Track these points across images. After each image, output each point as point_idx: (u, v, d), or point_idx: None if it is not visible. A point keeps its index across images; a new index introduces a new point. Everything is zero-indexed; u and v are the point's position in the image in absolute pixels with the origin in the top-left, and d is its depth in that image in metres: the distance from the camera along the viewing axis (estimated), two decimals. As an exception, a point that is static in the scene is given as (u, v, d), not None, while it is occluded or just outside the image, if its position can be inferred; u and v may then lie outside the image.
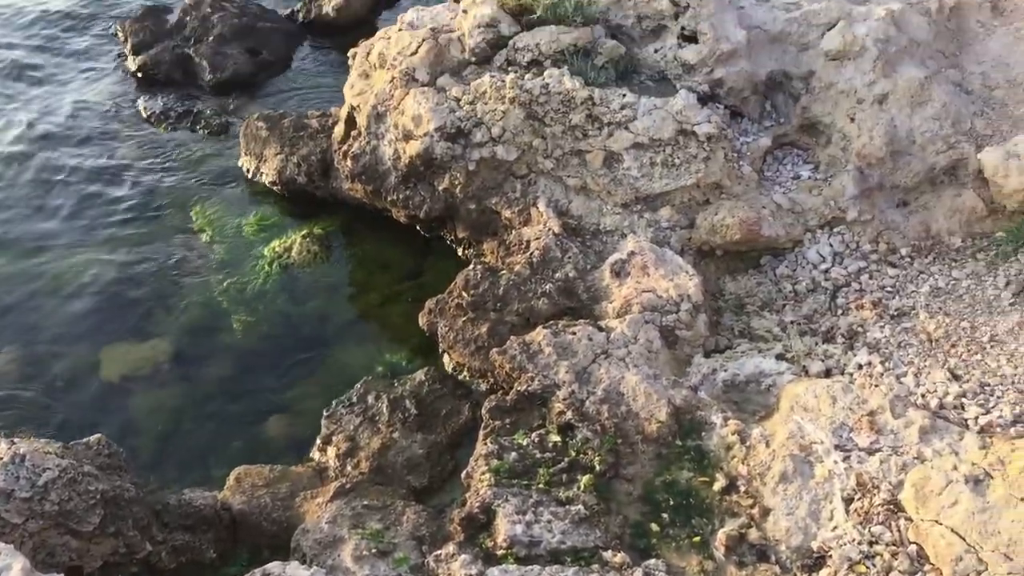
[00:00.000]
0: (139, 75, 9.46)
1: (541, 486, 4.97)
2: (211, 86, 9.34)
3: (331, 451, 5.86)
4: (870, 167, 6.58)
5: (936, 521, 4.37)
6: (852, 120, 6.71)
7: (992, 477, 4.45)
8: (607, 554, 4.59)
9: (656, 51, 7.11)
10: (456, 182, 6.96)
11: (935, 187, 6.59)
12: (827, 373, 5.59)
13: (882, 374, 5.41)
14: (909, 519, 4.48)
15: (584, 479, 4.97)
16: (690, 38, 7.03)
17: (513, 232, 6.89)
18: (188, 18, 9.98)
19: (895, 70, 6.75)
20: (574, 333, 5.75)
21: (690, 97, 6.76)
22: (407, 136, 7.06)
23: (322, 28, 10.45)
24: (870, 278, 6.23)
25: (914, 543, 4.41)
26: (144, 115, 8.90)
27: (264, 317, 6.86)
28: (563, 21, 7.10)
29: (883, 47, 6.76)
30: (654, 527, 4.79)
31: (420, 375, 6.27)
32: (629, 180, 6.71)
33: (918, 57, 6.91)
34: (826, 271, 6.37)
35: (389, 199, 7.29)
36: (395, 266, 7.38)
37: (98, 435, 5.25)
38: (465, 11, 7.36)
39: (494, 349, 5.86)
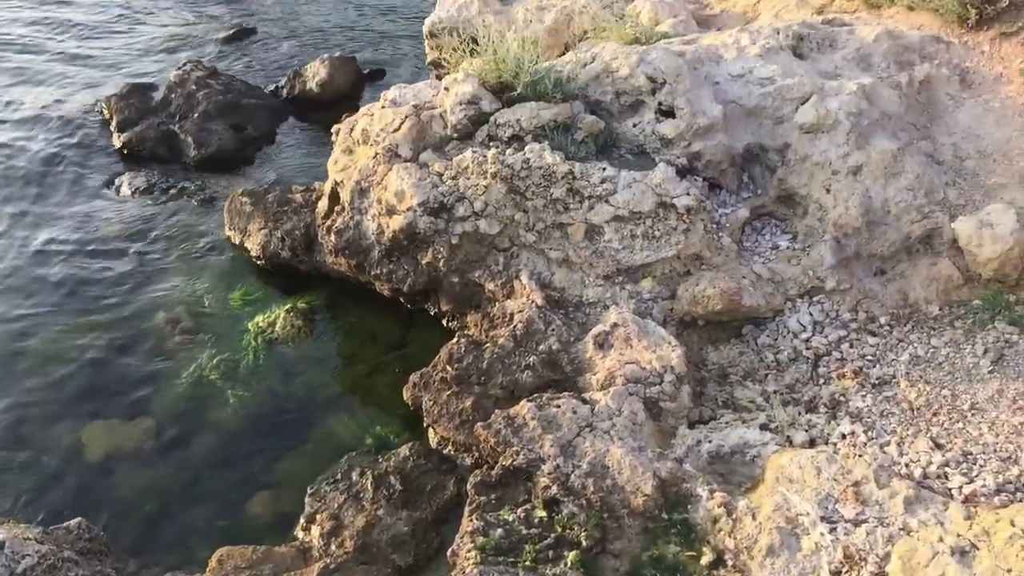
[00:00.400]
0: (124, 152, 9.54)
1: (528, 563, 4.93)
2: (196, 162, 9.43)
3: (315, 530, 5.79)
4: (847, 237, 6.69)
5: (924, 594, 4.36)
6: (828, 191, 6.84)
7: (978, 548, 4.45)
8: (595, 633, 4.53)
9: (635, 126, 7.25)
10: (439, 256, 7.02)
11: (911, 256, 6.69)
12: (811, 443, 5.60)
13: (865, 444, 5.43)
14: (897, 592, 4.46)
15: (571, 555, 4.94)
16: (667, 113, 7.18)
17: (496, 305, 6.93)
18: (173, 95, 10.10)
19: (868, 142, 6.91)
20: (558, 406, 5.76)
21: (669, 170, 6.88)
22: (390, 211, 7.13)
23: (306, 104, 10.60)
24: (851, 347, 6.29)
25: (903, 616, 4.38)
26: (129, 191, 8.95)
27: (249, 393, 6.83)
28: (543, 97, 7.24)
29: (856, 120, 6.92)
30: (642, 604, 4.74)
31: (405, 450, 6.23)
32: (611, 252, 6.79)
33: (890, 129, 7.07)
34: (807, 340, 6.42)
35: (373, 273, 7.33)
36: (380, 338, 7.39)
37: (79, 519, 5.19)
38: (447, 88, 7.50)
39: (479, 423, 5.85)
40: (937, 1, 7.86)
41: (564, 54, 9.57)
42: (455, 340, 6.60)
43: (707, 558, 4.89)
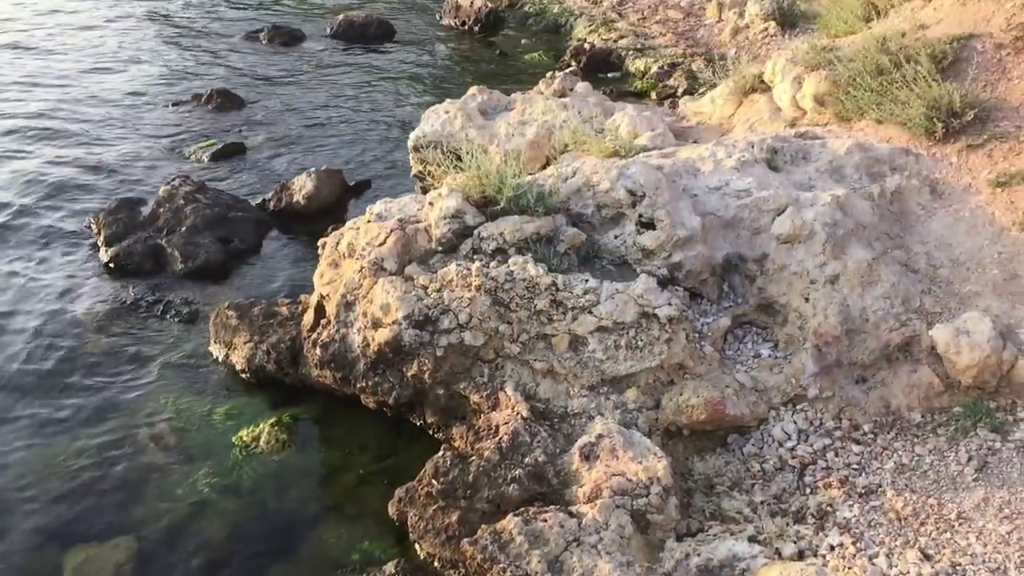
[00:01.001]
0: (111, 266, 9.60)
1: None
2: (182, 275, 9.50)
3: (298, 653, 5.66)
4: (827, 345, 6.78)
5: None
6: (807, 300, 6.96)
7: (972, 664, 4.39)
8: None
9: (616, 237, 7.40)
10: (424, 368, 7.05)
11: (891, 364, 6.78)
12: (800, 555, 5.56)
13: (855, 555, 5.39)
14: None
15: (560, 678, 4.84)
16: (648, 225, 7.34)
17: (482, 417, 6.93)
18: (162, 210, 10.24)
19: (844, 252, 7.07)
20: (545, 520, 5.72)
21: (650, 281, 6.99)
22: (376, 324, 7.19)
23: (292, 216, 10.74)
24: (836, 455, 6.30)
25: None
26: (114, 306, 8.98)
27: (235, 508, 6.73)
28: (526, 211, 7.40)
29: (831, 231, 7.09)
30: None
31: (391, 567, 6.13)
32: (595, 363, 6.84)
33: (865, 239, 7.24)
34: (792, 449, 6.44)
35: (358, 386, 7.34)
36: (367, 449, 7.34)
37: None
38: (431, 203, 7.66)
39: (465, 539, 5.79)
40: (904, 115, 8.16)
41: (546, 166, 9.83)
42: (440, 453, 6.58)
43: None
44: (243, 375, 8.01)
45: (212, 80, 15.15)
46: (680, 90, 13.83)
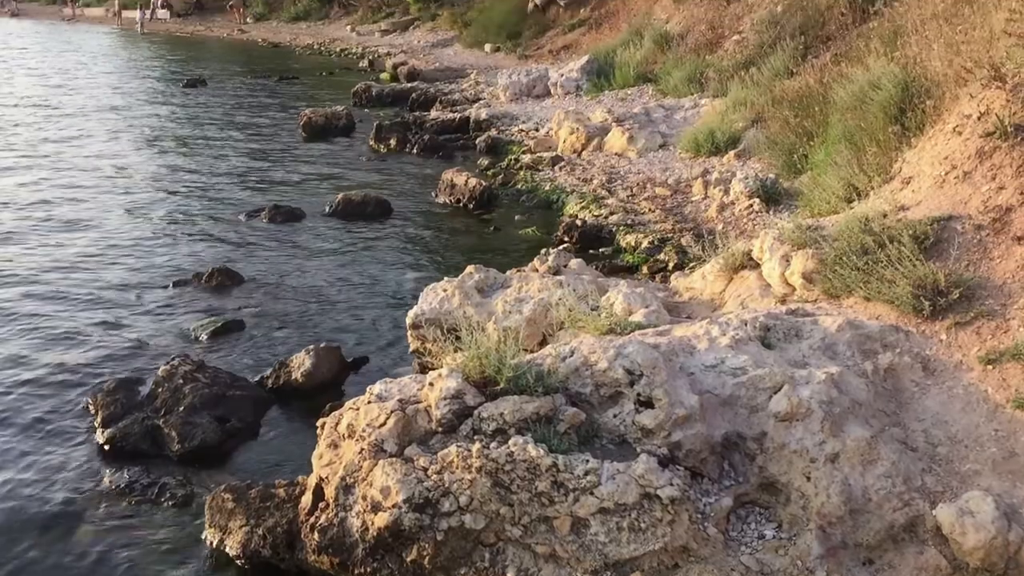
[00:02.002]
0: (106, 448, 9.55)
1: None
2: (178, 456, 9.43)
3: None
4: (831, 526, 6.72)
5: None
6: (808, 479, 6.95)
7: None
8: None
9: (615, 416, 7.45)
10: (425, 553, 6.93)
11: (897, 544, 6.70)
12: None
13: None
14: None
15: None
16: (646, 403, 7.41)
17: (483, 604, 6.77)
18: (160, 389, 10.28)
19: (842, 430, 7.12)
20: None
21: (651, 461, 6.99)
22: (375, 508, 7.12)
23: (291, 393, 10.79)
24: (848, 643, 6.14)
25: None
26: (109, 489, 8.88)
27: None
28: (525, 391, 7.48)
29: (828, 408, 7.17)
30: None
31: None
32: (597, 546, 6.74)
33: (862, 416, 7.30)
34: (803, 636, 6.28)
35: (357, 572, 7.18)
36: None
37: None
38: (431, 384, 7.74)
39: None
40: (891, 293, 8.39)
41: (543, 342, 10.00)
42: (441, 645, 6.39)
43: None
44: (238, 561, 7.84)
45: (213, 258, 15.53)
46: (671, 264, 14.22)
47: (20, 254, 15.91)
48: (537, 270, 12.66)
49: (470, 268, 11.50)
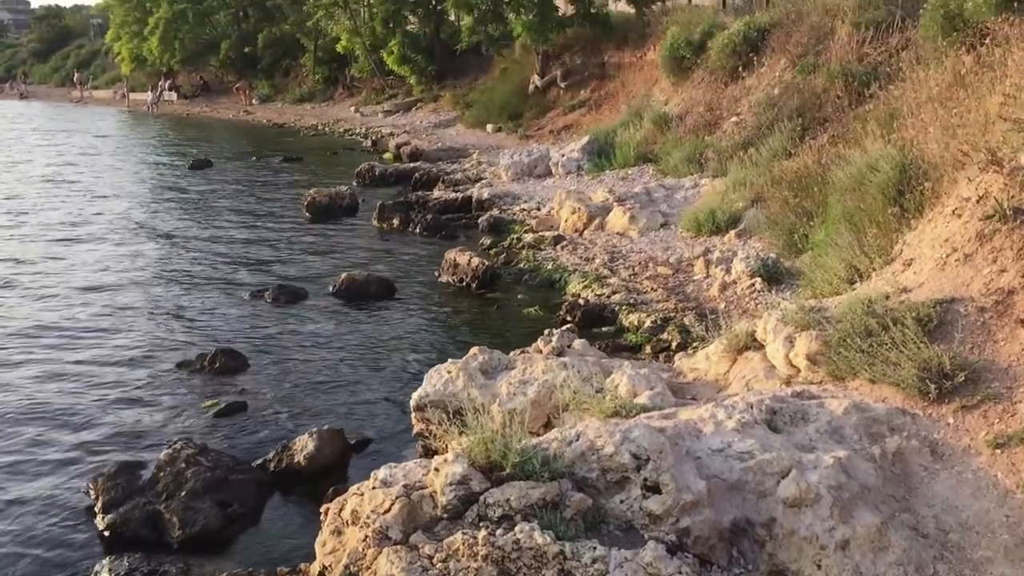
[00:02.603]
0: (106, 534, 9.43)
1: None
2: (179, 542, 9.30)
3: None
4: (844, 615, 6.61)
5: None
6: (819, 567, 6.86)
7: None
8: None
9: (622, 502, 7.38)
10: (429, 645, 6.81)
11: (912, 635, 6.59)
12: None
13: None
14: None
15: None
16: (653, 488, 7.35)
17: None
18: (162, 474, 10.19)
19: (852, 516, 7.04)
20: None
21: (659, 548, 6.91)
22: (380, 597, 7.01)
23: (293, 476, 10.69)
24: None
25: None
26: None
27: None
28: (531, 476, 7.43)
29: (837, 494, 7.10)
30: None
31: None
32: (606, 637, 6.62)
33: (871, 502, 7.24)
34: None
35: (360, 664, 7.05)
36: None
37: None
38: (437, 469, 7.69)
39: None
40: (897, 376, 8.39)
41: (548, 424, 9.96)
42: None
43: None
44: (238, 653, 7.70)
45: (217, 339, 15.56)
46: (674, 344, 14.21)
47: (21, 332, 15.95)
48: (541, 351, 12.66)
49: (474, 350, 11.51)
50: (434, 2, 56.95)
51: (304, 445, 10.93)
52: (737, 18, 29.96)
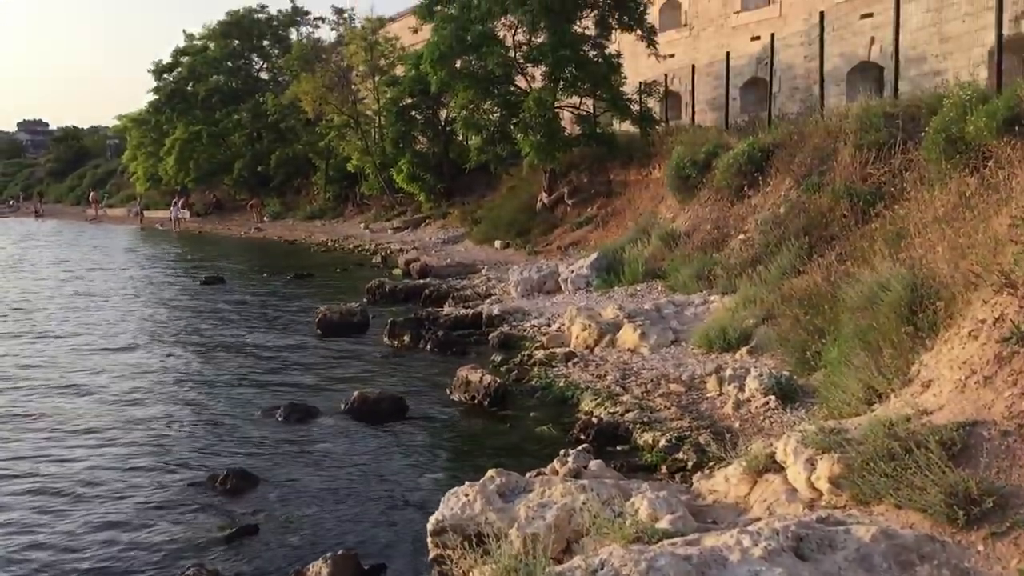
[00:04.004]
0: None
1: None
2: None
3: None
4: None
5: None
6: None
7: None
8: None
9: (648, 634, 7.21)
10: None
11: None
12: None
13: None
14: None
15: None
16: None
17: None
18: (174, 601, 10.00)
19: (886, 649, 6.86)
20: None
21: None
22: None
23: (306, 605, 10.47)
24: None
25: None
26: None
27: None
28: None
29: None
30: None
31: None
32: None
33: (905, 634, 7.06)
34: None
35: None
36: None
37: None
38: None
39: None
40: (923, 501, 8.28)
41: (567, 548, 9.78)
42: None
43: None
44: None
45: (229, 458, 15.45)
46: (690, 463, 14.07)
47: (27, 454, 15.85)
48: (557, 472, 12.55)
49: (491, 472, 11.40)
50: (443, 123, 58.57)
51: (318, 571, 10.71)
52: (741, 138, 30.67)
